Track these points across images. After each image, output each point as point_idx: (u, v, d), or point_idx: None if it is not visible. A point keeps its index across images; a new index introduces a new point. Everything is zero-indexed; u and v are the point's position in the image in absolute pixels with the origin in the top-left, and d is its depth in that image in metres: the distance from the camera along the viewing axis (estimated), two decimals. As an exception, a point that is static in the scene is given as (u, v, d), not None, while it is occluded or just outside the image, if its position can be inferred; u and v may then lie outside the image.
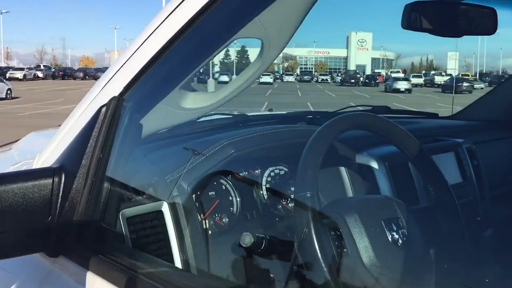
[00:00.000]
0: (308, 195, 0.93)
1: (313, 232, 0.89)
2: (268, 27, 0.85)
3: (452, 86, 30.55)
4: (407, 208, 1.09)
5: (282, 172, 1.40)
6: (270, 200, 1.36)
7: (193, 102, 0.97)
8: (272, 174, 1.38)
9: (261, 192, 1.35)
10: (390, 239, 1.01)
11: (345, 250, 0.97)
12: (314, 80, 46.39)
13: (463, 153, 1.64)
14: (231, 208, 1.28)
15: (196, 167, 1.13)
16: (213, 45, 0.83)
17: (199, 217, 1.14)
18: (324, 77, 49.48)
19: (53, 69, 47.54)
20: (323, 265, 0.88)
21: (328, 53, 79.79)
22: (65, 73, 45.17)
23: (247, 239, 1.00)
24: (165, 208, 1.05)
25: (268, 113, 2.10)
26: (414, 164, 1.20)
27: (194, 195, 1.13)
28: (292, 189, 1.40)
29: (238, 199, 1.29)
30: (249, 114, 1.83)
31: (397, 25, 1.42)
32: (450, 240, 1.14)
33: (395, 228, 1.02)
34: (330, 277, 0.88)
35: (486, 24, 1.51)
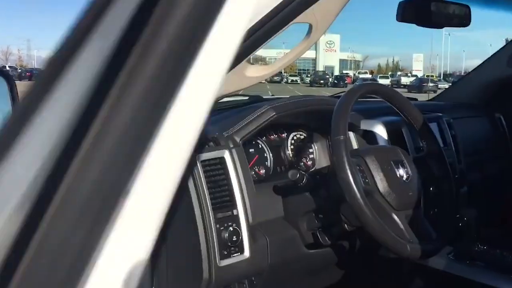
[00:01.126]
0: (342, 138, 1.25)
1: (346, 163, 1.22)
2: (317, 12, 1.16)
3: (418, 87, 31.48)
4: (408, 155, 1.44)
5: (302, 137, 1.74)
6: (294, 158, 1.70)
7: (254, 72, 1.28)
8: (295, 137, 1.72)
9: (288, 152, 1.68)
10: (398, 175, 1.35)
11: (366, 180, 1.31)
12: (284, 81, 46.98)
13: (443, 124, 2.00)
14: (266, 163, 1.61)
15: (245, 126, 1.45)
16: (276, 27, 1.13)
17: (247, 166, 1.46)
18: (294, 78, 50.12)
19: (20, 70, 46.51)
20: (353, 187, 1.20)
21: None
22: (32, 74, 44.37)
23: (295, 174, 1.32)
24: (227, 155, 1.36)
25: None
26: (413, 125, 1.54)
27: (244, 148, 1.45)
28: (310, 150, 1.74)
29: (271, 156, 1.62)
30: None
31: (364, 27, 1.76)
32: (439, 179, 1.49)
33: (400, 167, 1.36)
34: (358, 196, 1.20)
35: (461, 18, 1.88)
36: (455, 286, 1.69)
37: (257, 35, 1.11)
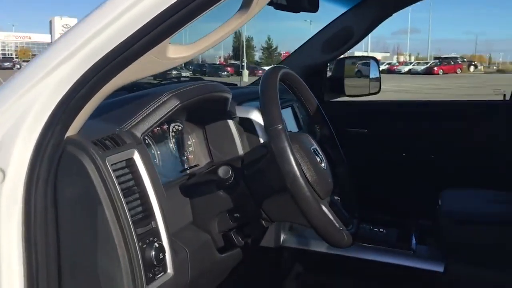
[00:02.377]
0: (280, 127, 1.12)
1: (290, 154, 1.09)
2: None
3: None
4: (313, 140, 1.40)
5: (180, 128, 1.53)
6: (177, 153, 1.48)
7: (176, 52, 1.04)
8: (174, 129, 1.49)
9: (171, 145, 1.45)
10: (318, 162, 1.28)
11: None
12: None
13: (296, 109, 2.03)
14: (155, 160, 1.36)
15: (146, 118, 1.18)
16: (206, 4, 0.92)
17: None
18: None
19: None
20: (300, 178, 1.09)
21: (30, 38, 74.12)
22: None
23: (227, 171, 1.14)
24: (136, 156, 1.08)
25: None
26: (308, 110, 1.49)
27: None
28: (189, 142, 1.54)
29: (157, 152, 1.37)
30: None
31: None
32: (336, 163, 1.48)
33: (317, 155, 1.31)
34: (305, 188, 1.10)
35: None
36: (336, 265, 1.74)
37: (181, 14, 0.90)
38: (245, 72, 32.14)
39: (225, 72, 36.93)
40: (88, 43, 0.90)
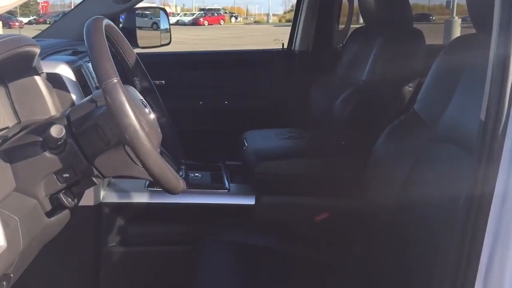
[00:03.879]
0: (115, 80, 1.09)
1: (129, 108, 1.08)
2: None
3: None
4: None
5: None
6: None
7: None
8: None
9: None
10: (148, 112, 1.30)
11: None
12: None
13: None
14: None
15: None
16: None
17: None
18: None
19: None
20: (141, 132, 1.09)
21: None
22: None
23: (61, 130, 1.07)
24: None
25: None
26: (127, 62, 1.46)
27: None
28: None
29: None
30: None
31: None
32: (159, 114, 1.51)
33: (145, 106, 1.31)
34: (147, 140, 1.11)
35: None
36: (159, 213, 1.79)
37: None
38: (-1, 24, 28.34)
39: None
40: None
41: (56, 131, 1.09)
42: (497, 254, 0.91)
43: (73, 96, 1.53)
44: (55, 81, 1.51)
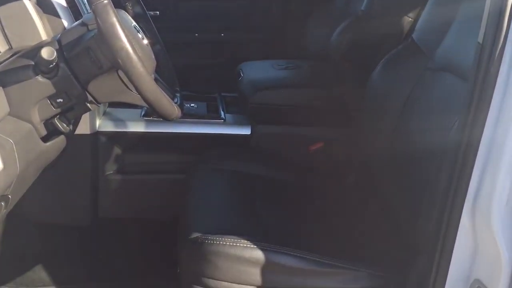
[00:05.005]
0: (106, 1, 1.06)
1: (120, 29, 1.06)
2: None
3: None
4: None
5: None
6: None
7: None
8: None
9: None
10: (141, 38, 1.27)
11: None
12: None
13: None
14: None
15: None
16: None
17: None
18: None
19: None
20: (133, 54, 1.08)
21: None
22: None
23: (52, 52, 1.05)
24: None
25: None
26: None
27: None
28: None
29: None
30: None
31: None
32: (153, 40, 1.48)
33: (138, 31, 1.29)
34: (139, 63, 1.09)
35: None
36: (154, 142, 1.80)
37: None
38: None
39: None
40: None
41: (47, 53, 1.07)
42: (486, 180, 0.93)
43: (64, 22, 1.49)
44: (45, 6, 1.47)
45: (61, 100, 1.22)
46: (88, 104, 1.26)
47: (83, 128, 1.65)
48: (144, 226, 1.78)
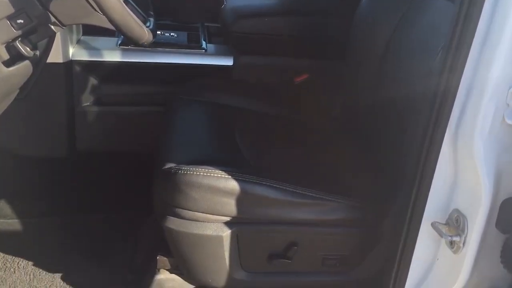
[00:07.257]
0: None
1: None
2: None
3: None
4: None
5: None
6: None
7: None
8: None
9: None
10: None
11: None
12: None
13: None
14: None
15: None
16: None
17: None
18: None
19: None
20: None
21: None
22: None
23: None
24: None
25: None
26: None
27: None
28: None
29: None
30: None
31: None
32: None
33: None
34: None
35: None
36: (131, 72, 1.73)
37: None
38: None
39: None
40: None
41: None
42: (469, 106, 0.88)
43: None
44: None
45: (22, 21, 1.14)
46: (52, 26, 1.18)
47: (55, 56, 1.57)
48: (122, 158, 1.73)
